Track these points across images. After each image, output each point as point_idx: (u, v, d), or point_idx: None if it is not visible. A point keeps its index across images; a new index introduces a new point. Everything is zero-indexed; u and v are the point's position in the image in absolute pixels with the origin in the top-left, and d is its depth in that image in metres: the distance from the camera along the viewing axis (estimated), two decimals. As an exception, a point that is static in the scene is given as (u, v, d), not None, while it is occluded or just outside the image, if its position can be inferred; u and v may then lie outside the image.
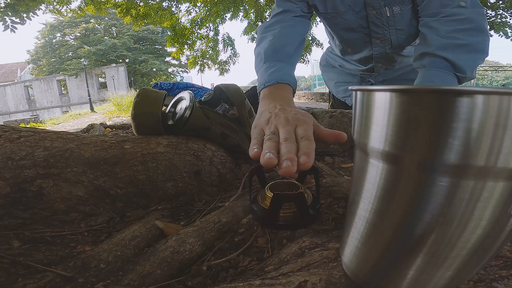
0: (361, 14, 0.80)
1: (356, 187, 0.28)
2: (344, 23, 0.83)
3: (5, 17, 3.65)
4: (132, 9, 5.85)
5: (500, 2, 3.55)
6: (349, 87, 0.30)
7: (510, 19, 3.57)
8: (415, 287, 0.25)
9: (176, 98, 0.88)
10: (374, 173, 0.24)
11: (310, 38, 7.34)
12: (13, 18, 3.73)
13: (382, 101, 0.22)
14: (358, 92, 0.26)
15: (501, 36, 3.66)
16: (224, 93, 0.90)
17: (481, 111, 0.17)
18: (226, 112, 0.88)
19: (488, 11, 3.69)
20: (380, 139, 0.23)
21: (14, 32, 3.88)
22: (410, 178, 0.22)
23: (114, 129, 1.82)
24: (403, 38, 0.82)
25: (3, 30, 3.74)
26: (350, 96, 1.07)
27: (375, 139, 0.23)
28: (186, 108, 0.78)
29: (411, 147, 0.21)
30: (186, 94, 0.83)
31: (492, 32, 3.70)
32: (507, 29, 3.63)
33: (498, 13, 3.62)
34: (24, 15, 3.81)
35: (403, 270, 0.25)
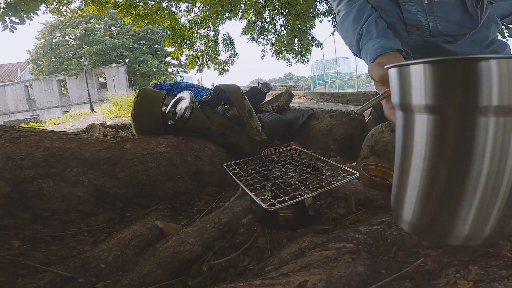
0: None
1: (405, 145, 0.32)
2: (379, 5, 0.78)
3: (5, 17, 3.65)
4: (132, 9, 5.84)
5: None
6: (385, 67, 0.34)
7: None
8: (476, 230, 0.28)
9: (176, 98, 0.88)
10: (421, 125, 0.29)
11: (310, 38, 7.34)
12: (13, 18, 3.72)
13: (417, 71, 0.28)
14: (394, 69, 0.32)
15: (498, 37, 3.71)
16: (224, 93, 0.90)
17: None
18: (226, 112, 0.88)
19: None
20: (420, 97, 0.29)
21: (13, 32, 3.88)
22: (452, 122, 0.27)
23: (114, 129, 1.82)
24: (444, 25, 0.77)
25: (2, 30, 3.74)
26: None
27: (417, 97, 0.29)
28: (186, 108, 0.78)
29: (447, 98, 0.27)
30: (186, 94, 0.83)
31: None
32: (503, 29, 3.66)
33: None
34: (24, 15, 3.81)
35: (464, 211, 0.28)
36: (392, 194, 0.36)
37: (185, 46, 6.79)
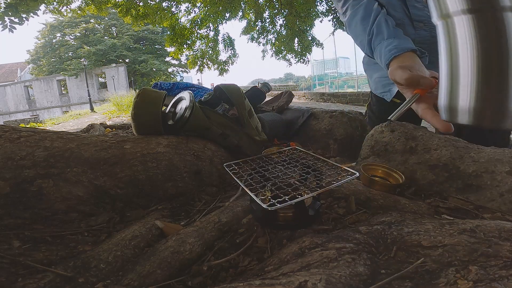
0: None
1: (451, 47, 0.39)
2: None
3: (5, 17, 3.65)
4: (132, 9, 5.85)
5: None
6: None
7: None
8: None
9: (176, 98, 0.88)
10: (463, 26, 0.36)
11: (310, 38, 7.35)
12: (12, 18, 3.72)
13: None
14: None
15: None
16: (224, 93, 0.90)
17: None
18: (226, 112, 0.88)
19: None
20: (457, 4, 0.36)
21: (13, 32, 3.88)
22: (488, 18, 0.35)
23: (114, 129, 1.82)
24: None
25: (1, 30, 3.74)
26: (389, 91, 0.98)
27: (453, 4, 0.37)
28: (186, 108, 0.78)
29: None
30: (186, 94, 0.83)
31: None
32: None
33: None
34: (24, 15, 3.81)
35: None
36: (443, 97, 0.42)
37: (185, 46, 6.79)
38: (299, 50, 7.87)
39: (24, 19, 3.84)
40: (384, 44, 0.66)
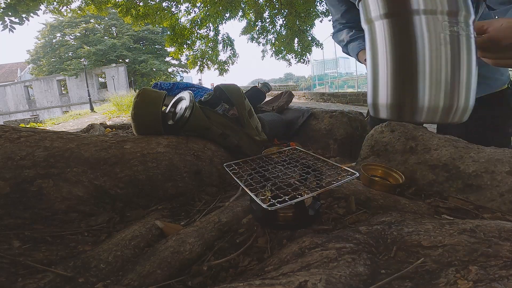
0: None
1: (372, 49, 0.43)
2: None
3: (5, 17, 3.65)
4: (132, 9, 5.84)
5: None
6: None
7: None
8: (433, 101, 0.39)
9: (176, 98, 0.88)
10: (381, 29, 0.41)
11: (310, 38, 7.34)
12: (12, 18, 3.72)
13: None
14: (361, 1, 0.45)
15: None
16: (224, 93, 0.90)
17: None
18: (226, 112, 0.88)
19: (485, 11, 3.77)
20: (376, 9, 0.41)
21: (13, 32, 3.88)
22: (399, 21, 0.40)
23: (114, 129, 1.82)
24: None
25: (2, 30, 3.74)
26: None
27: (374, 10, 0.41)
28: (186, 108, 0.78)
29: (394, 5, 0.40)
30: (186, 94, 0.83)
31: None
32: None
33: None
34: (24, 15, 3.81)
35: (421, 85, 0.39)
36: (368, 95, 0.46)
37: (185, 46, 6.79)
38: (299, 50, 7.87)
39: (24, 19, 3.84)
40: (354, 44, 0.98)
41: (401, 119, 0.43)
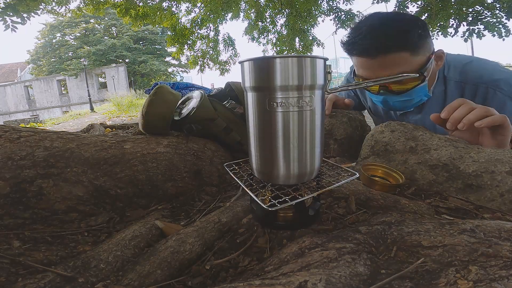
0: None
1: (248, 118, 0.46)
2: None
3: (6, 17, 3.65)
4: (131, 9, 5.83)
5: (496, 3, 3.60)
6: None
7: (504, 20, 3.61)
8: (287, 170, 0.43)
9: (184, 97, 0.89)
10: (251, 100, 0.44)
11: (311, 38, 7.34)
12: (14, 18, 3.72)
13: (246, 65, 0.43)
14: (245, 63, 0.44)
15: (494, 36, 3.71)
16: (233, 91, 0.90)
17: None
18: (233, 108, 0.88)
19: (485, 11, 3.74)
20: (249, 81, 0.43)
21: (15, 31, 3.88)
22: (261, 95, 0.42)
23: (114, 129, 1.82)
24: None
25: (4, 30, 3.74)
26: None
27: (247, 81, 0.43)
28: (194, 105, 0.79)
29: (259, 81, 0.41)
30: (196, 93, 0.84)
31: (486, 32, 3.77)
32: (500, 27, 3.67)
33: (494, 13, 3.67)
34: (25, 15, 3.81)
35: (278, 159, 0.43)
36: (250, 157, 0.48)
37: (186, 46, 6.78)
38: (300, 50, 7.86)
39: (25, 18, 3.84)
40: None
41: (279, 183, 0.46)
